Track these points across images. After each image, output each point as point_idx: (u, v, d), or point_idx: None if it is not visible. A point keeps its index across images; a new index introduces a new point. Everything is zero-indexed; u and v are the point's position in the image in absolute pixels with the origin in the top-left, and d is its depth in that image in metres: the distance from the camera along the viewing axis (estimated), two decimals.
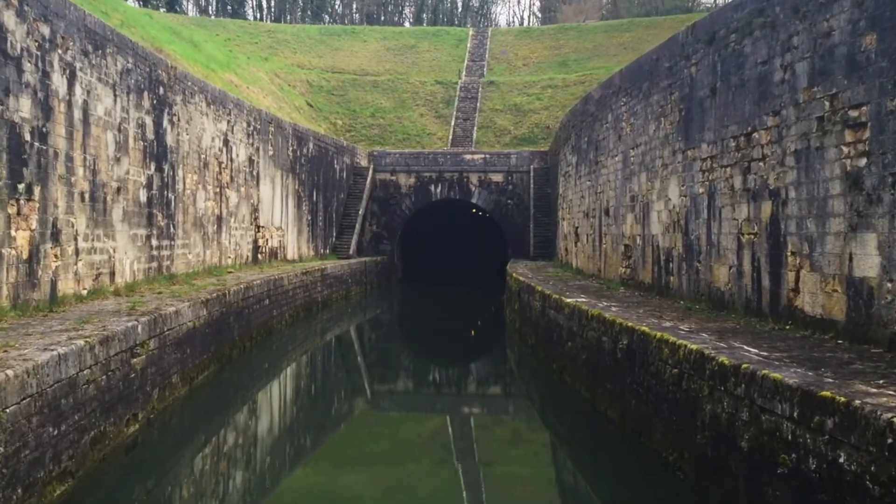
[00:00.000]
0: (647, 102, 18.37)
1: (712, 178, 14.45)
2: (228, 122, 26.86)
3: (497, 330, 31.65)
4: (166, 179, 21.07)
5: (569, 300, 16.63)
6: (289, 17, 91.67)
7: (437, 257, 57.05)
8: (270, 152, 31.93)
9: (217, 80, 36.44)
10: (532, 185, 44.73)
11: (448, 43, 68.99)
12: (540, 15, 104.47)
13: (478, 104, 57.43)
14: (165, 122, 20.94)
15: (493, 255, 53.05)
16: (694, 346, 9.80)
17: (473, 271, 53.26)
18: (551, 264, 34.53)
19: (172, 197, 21.62)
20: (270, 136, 32.00)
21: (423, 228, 51.78)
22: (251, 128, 29.51)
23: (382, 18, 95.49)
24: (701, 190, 15.00)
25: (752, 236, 12.84)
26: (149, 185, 19.74)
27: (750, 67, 13.00)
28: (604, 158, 22.92)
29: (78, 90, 15.54)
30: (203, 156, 24.33)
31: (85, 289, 15.85)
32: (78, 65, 15.54)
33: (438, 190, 46.47)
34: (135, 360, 12.12)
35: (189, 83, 22.96)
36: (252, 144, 29.61)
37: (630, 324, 12.28)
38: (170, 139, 21.31)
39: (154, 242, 20.14)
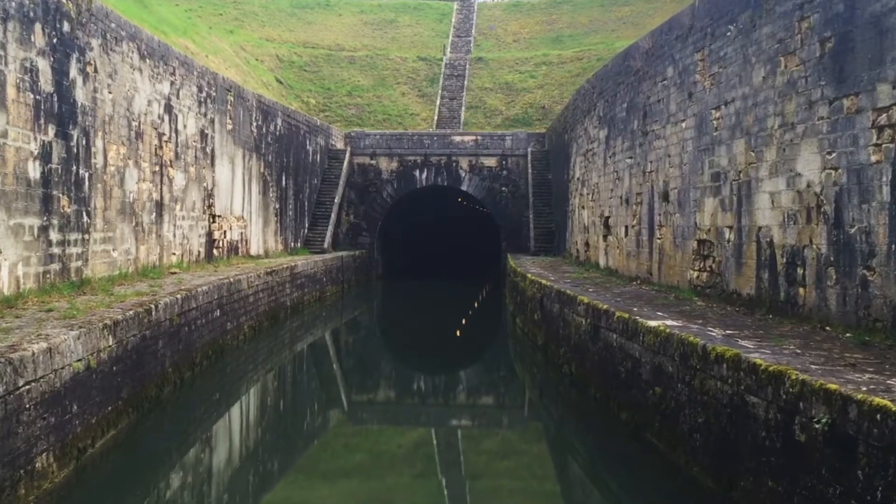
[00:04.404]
0: (749, 39, 13.01)
1: None
2: (172, 83, 21.21)
3: (500, 340, 26.33)
4: (75, 150, 15.44)
5: (652, 323, 11.26)
6: None
7: (423, 251, 51.74)
8: (229, 126, 26.29)
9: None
10: (530, 170, 39.63)
11: (430, 17, 63.52)
12: None
13: (465, 82, 52.05)
14: (73, 72, 15.30)
15: (485, 248, 48.02)
16: None
17: (463, 267, 48.17)
18: (563, 261, 29.25)
19: (86, 174, 15.99)
20: (229, 108, 26.36)
21: (406, 219, 46.40)
22: (203, 94, 23.86)
23: None
24: (874, 157, 9.67)
25: None
26: (45, 156, 14.11)
27: None
28: (658, 127, 17.57)
29: None
30: (135, 123, 18.70)
31: None
32: None
33: (424, 176, 41.12)
34: None
35: (112, 24, 17.31)
36: (205, 115, 23.98)
37: (830, 385, 6.92)
38: (81, 95, 15.67)
39: (54, 236, 14.52)
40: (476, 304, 36.21)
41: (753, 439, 8.06)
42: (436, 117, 48.87)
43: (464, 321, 30.23)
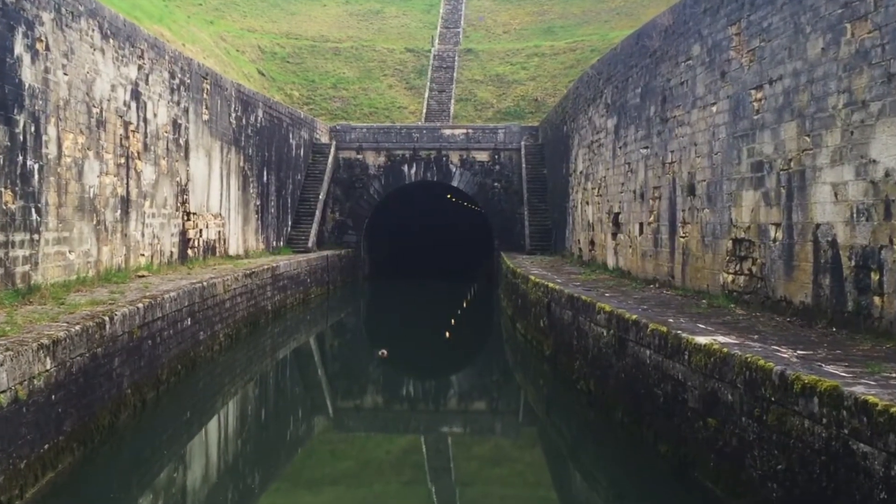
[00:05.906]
0: (802, 6, 11.19)
1: None
2: (140, 67, 19.22)
3: (497, 346, 24.53)
4: (22, 138, 13.45)
5: (701, 340, 9.42)
6: None
7: (412, 250, 49.78)
8: (205, 116, 24.30)
9: None
10: (524, 165, 37.78)
11: (418, 8, 61.61)
12: None
13: (454, 74, 50.19)
14: (19, 48, 13.32)
15: (477, 246, 46.19)
16: None
17: (455, 265, 46.24)
18: (563, 260, 27.44)
19: (36, 166, 14.01)
20: (205, 96, 24.37)
21: (394, 216, 44.52)
22: (176, 81, 21.86)
23: None
24: None
25: None
26: None
27: None
28: (681, 113, 15.74)
29: None
30: (96, 109, 16.71)
31: None
32: None
33: (413, 171, 39.21)
34: None
35: None
36: (178, 103, 21.98)
37: None
38: (29, 76, 13.69)
39: None
40: (469, 306, 34.41)
41: (865, 501, 6.22)
42: (424, 110, 47.04)
43: (456, 323, 28.38)
